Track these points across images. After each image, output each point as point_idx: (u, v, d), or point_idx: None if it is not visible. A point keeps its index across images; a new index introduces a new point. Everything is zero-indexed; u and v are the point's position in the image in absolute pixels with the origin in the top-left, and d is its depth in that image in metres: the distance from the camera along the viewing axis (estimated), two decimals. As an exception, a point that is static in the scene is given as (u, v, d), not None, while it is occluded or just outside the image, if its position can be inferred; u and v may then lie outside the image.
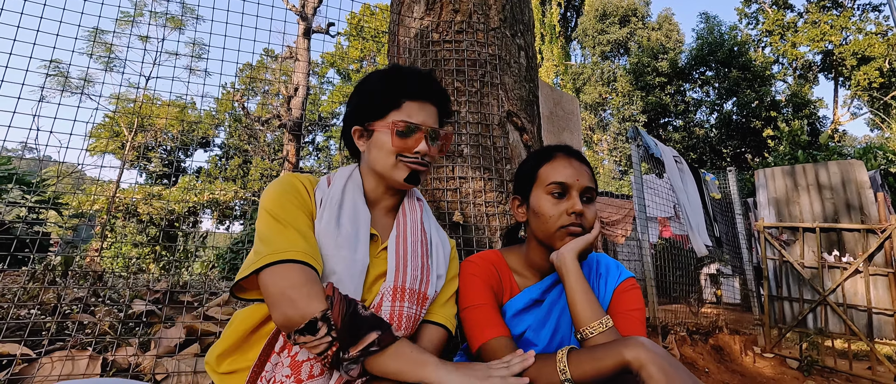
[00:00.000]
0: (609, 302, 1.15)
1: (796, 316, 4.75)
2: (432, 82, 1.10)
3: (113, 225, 9.87)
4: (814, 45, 18.32)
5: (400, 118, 1.03)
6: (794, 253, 4.87)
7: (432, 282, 1.05)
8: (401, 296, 0.98)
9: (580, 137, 4.27)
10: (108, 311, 1.78)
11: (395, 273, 0.99)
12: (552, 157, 1.17)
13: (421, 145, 1.03)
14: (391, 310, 0.97)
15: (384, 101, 1.05)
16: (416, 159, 1.04)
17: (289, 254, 0.87)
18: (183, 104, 12.88)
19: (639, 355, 0.83)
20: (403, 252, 1.03)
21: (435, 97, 1.09)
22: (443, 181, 2.09)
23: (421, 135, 1.04)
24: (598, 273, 1.20)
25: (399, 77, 1.07)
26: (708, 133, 18.35)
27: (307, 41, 11.33)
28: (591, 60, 23.58)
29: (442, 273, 1.10)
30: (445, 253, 1.14)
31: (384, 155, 1.04)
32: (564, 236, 1.09)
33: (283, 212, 0.95)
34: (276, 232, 0.92)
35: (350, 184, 1.08)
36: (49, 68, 1.95)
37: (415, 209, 1.13)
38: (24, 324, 1.52)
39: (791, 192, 5.22)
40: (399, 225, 1.08)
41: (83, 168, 2.20)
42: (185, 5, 9.43)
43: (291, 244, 0.89)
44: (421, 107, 1.06)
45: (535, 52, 2.70)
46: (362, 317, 0.86)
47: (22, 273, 2.01)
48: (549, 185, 1.12)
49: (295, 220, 0.94)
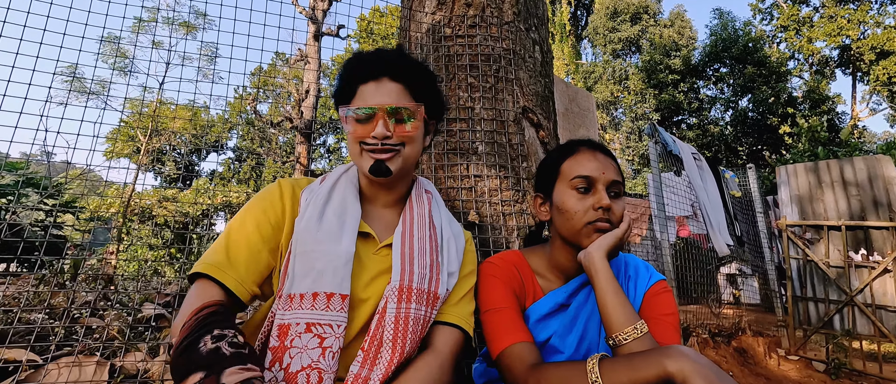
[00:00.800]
0: (639, 306, 1.07)
1: (822, 317, 4.60)
2: (394, 58, 0.99)
3: (129, 228, 9.98)
4: (830, 40, 17.92)
5: (358, 103, 0.96)
6: (819, 252, 4.72)
7: (443, 280, 0.98)
8: (407, 297, 0.90)
9: (596, 134, 4.18)
10: (118, 315, 1.74)
11: (400, 272, 0.92)
12: (575, 150, 1.10)
13: (378, 129, 0.93)
14: (397, 314, 0.89)
15: (345, 89, 0.99)
16: (375, 145, 0.94)
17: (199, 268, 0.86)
18: (196, 108, 13.00)
19: (683, 367, 0.74)
20: (409, 249, 0.95)
21: (395, 72, 0.97)
22: (457, 180, 2.03)
23: (378, 116, 0.94)
24: (627, 275, 1.12)
25: (355, 61, 0.99)
26: (723, 130, 18.05)
27: (318, 44, 11.36)
28: (603, 59, 23.36)
29: (454, 270, 1.02)
30: (459, 247, 1.06)
31: (350, 144, 0.98)
32: (591, 233, 1.01)
33: (236, 221, 0.93)
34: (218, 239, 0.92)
35: (343, 178, 1.03)
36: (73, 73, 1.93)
37: (422, 202, 1.05)
38: (32, 328, 1.48)
39: (814, 189, 5.07)
40: (405, 220, 1.00)
41: (97, 170, 2.16)
42: (198, 11, 9.50)
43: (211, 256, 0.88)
44: (378, 86, 0.96)
45: (549, 48, 2.63)
46: (198, 352, 0.70)
47: (32, 277, 1.99)
48: (574, 180, 1.05)
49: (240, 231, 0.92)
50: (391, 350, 0.86)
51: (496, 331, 1.01)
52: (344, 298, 0.87)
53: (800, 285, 4.81)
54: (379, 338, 0.88)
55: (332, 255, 0.88)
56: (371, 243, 0.98)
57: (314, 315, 0.84)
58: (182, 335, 0.75)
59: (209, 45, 11.52)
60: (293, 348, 0.82)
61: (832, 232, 4.69)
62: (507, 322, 1.01)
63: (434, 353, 0.94)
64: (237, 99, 20.11)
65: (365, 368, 0.85)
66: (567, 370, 0.87)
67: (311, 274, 0.86)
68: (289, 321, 0.84)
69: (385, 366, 0.85)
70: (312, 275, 0.86)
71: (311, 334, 0.83)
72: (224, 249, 0.89)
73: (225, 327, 0.74)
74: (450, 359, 0.95)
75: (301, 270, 0.87)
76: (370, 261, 0.96)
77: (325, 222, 0.92)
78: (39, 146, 1.72)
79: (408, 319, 0.89)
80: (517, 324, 1.01)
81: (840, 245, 4.56)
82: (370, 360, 0.86)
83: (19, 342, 1.47)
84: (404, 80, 0.98)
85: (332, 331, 0.85)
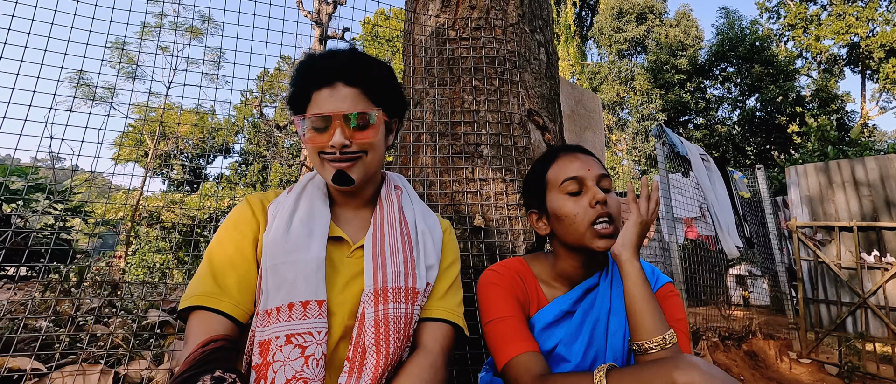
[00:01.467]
0: None
1: (834, 319, 4.53)
2: (347, 60, 0.93)
3: (137, 232, 10.04)
4: (839, 38, 17.74)
5: (313, 110, 0.92)
6: (830, 253, 4.65)
7: (420, 274, 0.94)
8: (384, 298, 0.88)
9: (603, 136, 4.14)
10: (122, 322, 1.74)
11: (373, 275, 0.89)
12: (556, 157, 1.09)
13: (335, 137, 0.89)
14: (375, 317, 0.86)
15: (300, 95, 0.95)
16: (333, 155, 0.91)
17: (191, 301, 0.84)
18: (202, 112, 13.08)
19: (693, 380, 0.72)
20: (381, 250, 0.93)
21: (349, 76, 0.92)
22: (462, 183, 2.01)
23: (335, 125, 0.90)
24: None
25: (307, 66, 0.94)
26: (731, 130, 17.91)
27: (323, 47, 11.40)
28: (608, 59, 23.27)
29: (433, 262, 0.99)
30: (436, 239, 1.03)
31: (310, 154, 0.95)
32: (595, 235, 0.99)
33: (214, 247, 0.91)
34: (199, 269, 0.89)
35: (310, 185, 1.01)
36: (78, 79, 1.94)
37: (392, 199, 1.02)
38: (36, 336, 1.48)
39: (825, 190, 4.99)
40: (375, 221, 0.98)
41: (105, 175, 2.16)
42: (204, 16, 9.56)
43: (199, 287, 0.86)
44: (332, 92, 0.91)
45: (555, 49, 2.60)
46: None
47: (37, 283, 1.99)
48: (564, 184, 1.03)
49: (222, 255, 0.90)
50: (376, 354, 0.84)
51: (501, 341, 0.98)
52: (321, 304, 0.85)
53: (811, 287, 4.74)
54: (362, 344, 0.85)
55: (301, 264, 0.86)
56: (344, 246, 0.96)
57: (292, 326, 0.82)
58: (184, 367, 0.74)
59: (215, 50, 11.56)
60: (276, 362, 0.80)
61: (844, 233, 4.62)
62: (512, 331, 0.99)
63: (424, 353, 0.91)
64: (243, 103, 20.23)
65: (353, 377, 0.83)
66: (574, 381, 0.85)
67: (283, 286, 0.85)
68: (268, 336, 0.82)
69: (372, 372, 0.83)
70: (285, 287, 0.84)
71: (292, 345, 0.81)
72: (211, 277, 0.87)
73: (227, 369, 0.73)
74: (441, 356, 0.93)
75: (273, 284, 0.85)
76: (344, 265, 0.94)
77: (292, 232, 0.90)
78: (46, 152, 1.72)
79: (388, 320, 0.87)
80: (522, 334, 0.99)
81: (852, 246, 4.49)
82: (357, 369, 0.84)
83: (24, 350, 1.47)
84: (360, 83, 0.93)
85: (314, 339, 0.83)
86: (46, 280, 1.95)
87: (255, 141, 21.64)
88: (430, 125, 2.12)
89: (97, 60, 1.88)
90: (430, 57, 2.25)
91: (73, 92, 1.98)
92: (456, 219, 1.95)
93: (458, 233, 1.91)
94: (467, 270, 1.85)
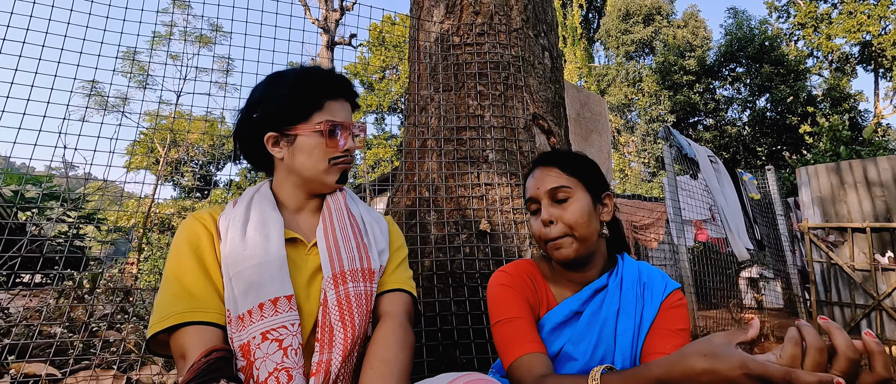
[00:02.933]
0: (655, 315, 1.05)
1: (848, 322, 4.46)
2: (346, 81, 1.09)
3: (149, 238, 10.17)
4: (850, 36, 17.51)
5: (327, 118, 1.01)
6: (843, 254, 4.59)
7: (374, 257, 1.03)
8: (343, 280, 0.94)
9: (609, 139, 4.13)
10: (135, 328, 1.77)
11: (329, 261, 0.96)
12: (530, 173, 1.14)
13: (348, 142, 1.04)
14: (337, 298, 0.92)
15: (307, 102, 1.01)
16: (345, 158, 1.04)
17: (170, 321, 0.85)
18: (212, 119, 13.24)
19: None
20: (334, 240, 0.99)
21: (351, 94, 1.09)
22: (468, 188, 2.02)
23: (347, 132, 1.04)
24: (642, 282, 1.09)
25: (319, 76, 1.04)
26: (741, 131, 17.74)
27: (330, 53, 11.50)
28: (616, 61, 23.18)
29: (383, 247, 1.08)
30: (383, 228, 1.12)
31: (315, 159, 1.01)
32: (553, 251, 1.03)
33: (173, 268, 0.92)
34: (164, 291, 0.90)
35: (257, 197, 1.04)
36: (90, 89, 1.98)
37: (337, 199, 1.09)
38: (51, 343, 1.51)
39: (837, 190, 4.93)
40: (325, 217, 1.04)
41: (118, 183, 2.21)
42: (213, 23, 9.70)
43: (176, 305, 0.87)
44: (342, 104, 1.05)
45: (559, 53, 2.61)
46: None
47: (49, 290, 2.03)
48: (528, 205, 1.10)
49: (186, 272, 0.91)
50: (342, 329, 0.90)
51: (507, 342, 1.00)
52: (289, 299, 0.89)
53: (824, 289, 4.68)
54: (329, 324, 0.90)
55: (264, 265, 0.90)
56: (301, 246, 1.01)
57: (266, 323, 0.86)
58: (188, 376, 0.77)
59: (224, 58, 11.72)
60: (258, 360, 0.84)
61: (857, 234, 4.56)
62: (519, 332, 1.00)
63: (390, 316, 0.98)
64: (252, 109, 20.42)
65: (324, 353, 0.88)
66: (570, 382, 0.86)
67: (251, 289, 0.88)
68: (246, 339, 0.86)
69: (341, 344, 0.89)
70: (253, 290, 0.88)
71: (269, 340, 0.85)
72: (185, 293, 0.89)
73: (230, 379, 0.78)
74: (405, 317, 1.00)
75: (241, 290, 0.89)
76: (305, 263, 0.99)
77: (248, 239, 0.94)
78: (60, 161, 1.76)
79: (349, 297, 0.93)
80: (529, 335, 1.00)
81: (865, 247, 4.42)
82: (327, 346, 0.89)
83: (40, 356, 1.50)
84: (352, 99, 1.09)
85: (289, 331, 0.87)
86: (61, 287, 1.98)
87: (265, 147, 21.82)
88: (435, 130, 2.13)
89: (109, 71, 1.93)
90: (434, 63, 2.26)
91: (87, 101, 2.02)
92: (462, 223, 1.96)
93: (464, 238, 1.92)
94: (473, 274, 1.86)
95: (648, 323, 1.04)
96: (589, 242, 1.04)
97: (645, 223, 7.98)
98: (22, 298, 2.18)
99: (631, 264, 1.12)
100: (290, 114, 1.01)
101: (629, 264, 1.12)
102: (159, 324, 0.85)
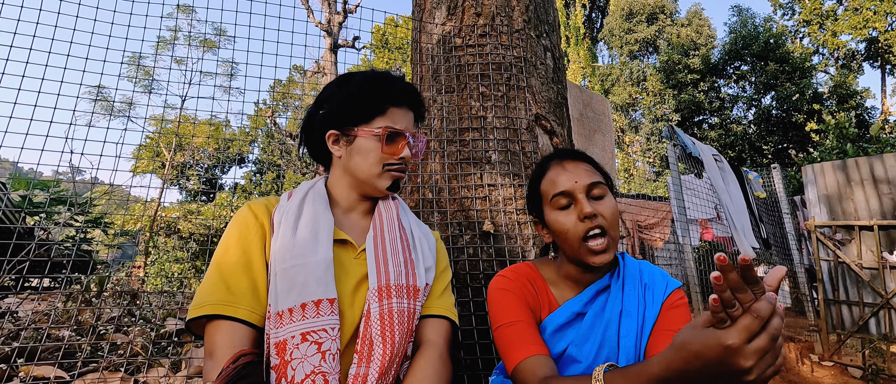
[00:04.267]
0: (657, 314, 1.04)
1: (856, 320, 4.42)
2: (414, 90, 1.10)
3: (155, 242, 10.23)
4: (856, 32, 17.38)
5: (387, 124, 1.02)
6: (851, 253, 4.55)
7: (420, 274, 1.02)
8: (387, 294, 0.94)
9: (612, 138, 4.12)
10: (141, 331, 1.78)
11: (376, 273, 0.96)
12: (546, 169, 1.10)
13: (405, 151, 1.04)
14: (380, 311, 0.92)
15: (371, 106, 1.03)
16: (400, 166, 1.04)
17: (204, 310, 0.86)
18: (217, 123, 13.31)
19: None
20: (382, 251, 1.00)
21: (416, 104, 1.10)
22: (471, 189, 2.02)
23: (404, 141, 1.04)
24: (643, 282, 1.09)
25: (386, 82, 1.05)
26: (746, 130, 17.64)
27: (334, 56, 11.54)
28: (619, 61, 23.13)
29: (430, 265, 1.07)
30: (430, 245, 1.11)
31: (370, 163, 1.02)
32: (589, 252, 0.99)
33: (220, 254, 0.94)
34: (206, 278, 0.91)
35: (311, 194, 1.05)
36: (96, 94, 2.00)
37: (390, 207, 1.10)
38: (59, 346, 1.53)
39: (844, 188, 4.89)
40: (375, 225, 1.04)
41: (124, 187, 2.23)
42: (217, 27, 9.76)
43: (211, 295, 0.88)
44: (405, 113, 1.06)
45: (562, 53, 2.61)
46: None
47: (60, 294, 2.05)
48: (554, 199, 1.04)
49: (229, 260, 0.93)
50: (382, 344, 0.89)
51: (510, 345, 0.99)
52: (332, 302, 0.89)
53: (831, 288, 4.64)
54: (369, 337, 0.90)
55: (311, 266, 0.90)
56: (350, 249, 1.01)
57: (307, 324, 0.86)
58: (219, 383, 0.77)
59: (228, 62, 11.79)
60: (294, 360, 0.84)
61: (864, 232, 4.52)
62: (521, 335, 1.00)
63: (432, 346, 0.98)
64: (257, 113, 20.52)
65: (362, 367, 0.88)
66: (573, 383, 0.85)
67: (295, 288, 0.88)
68: (284, 337, 0.85)
69: (379, 360, 0.88)
70: (297, 289, 0.88)
71: (308, 342, 0.85)
72: (223, 284, 0.89)
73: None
74: (446, 348, 1.00)
75: (284, 287, 0.88)
76: (353, 266, 0.99)
77: (299, 237, 0.94)
78: (67, 166, 1.78)
79: (392, 313, 0.92)
80: (531, 337, 0.99)
81: (873, 245, 4.39)
82: (365, 359, 0.89)
83: (48, 358, 1.52)
84: (416, 109, 1.10)
85: (329, 335, 0.87)
86: (68, 290, 2.00)
87: (269, 150, 21.92)
88: (438, 132, 2.14)
89: (115, 76, 1.94)
90: (437, 64, 2.27)
91: (93, 106, 2.04)
92: (465, 224, 1.96)
93: (468, 239, 1.93)
94: (477, 275, 1.86)
95: (651, 323, 1.04)
96: (616, 242, 1.03)
97: (650, 222, 7.95)
98: (30, 302, 2.21)
99: (632, 264, 1.12)
100: (354, 114, 1.03)
101: (631, 264, 1.12)
102: (193, 310, 0.87)
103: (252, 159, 23.47)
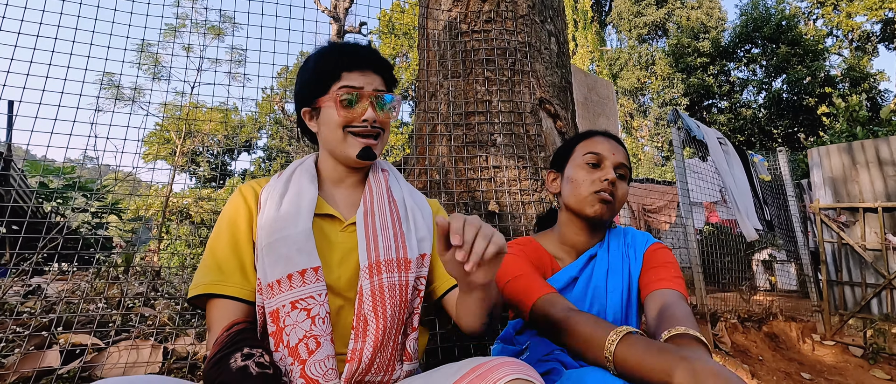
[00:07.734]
0: (641, 263, 1.17)
1: (859, 301, 4.48)
2: (372, 52, 1.07)
3: (168, 227, 10.44)
4: (872, 14, 17.02)
5: (342, 85, 1.01)
6: (855, 234, 4.59)
7: (411, 246, 1.02)
8: (378, 270, 0.96)
9: (617, 122, 4.16)
10: (167, 305, 1.89)
11: (367, 251, 0.98)
12: (591, 135, 1.23)
13: (368, 113, 1.01)
14: (371, 288, 0.95)
15: (325, 75, 1.03)
16: (364, 128, 1.01)
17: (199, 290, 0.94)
18: (226, 110, 13.42)
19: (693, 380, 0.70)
20: (372, 227, 1.01)
21: (376, 65, 1.05)
22: (477, 171, 2.10)
23: (365, 100, 1.02)
24: (627, 243, 1.22)
25: (337, 49, 1.05)
26: (756, 113, 17.45)
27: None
28: (628, 44, 22.85)
29: (424, 235, 1.07)
30: (425, 214, 1.11)
31: (332, 129, 1.03)
32: (596, 202, 1.12)
33: (213, 239, 1.00)
34: (202, 261, 0.99)
35: (299, 170, 1.09)
36: (103, 80, 2.09)
37: (379, 180, 1.10)
38: (93, 317, 1.64)
39: (849, 170, 4.91)
40: (365, 201, 1.05)
41: (137, 172, 2.34)
42: (224, 14, 9.80)
43: (206, 276, 0.95)
44: (363, 74, 1.03)
45: (566, 38, 2.66)
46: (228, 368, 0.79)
47: (88, 272, 2.17)
48: (586, 155, 1.17)
49: (221, 244, 0.99)
50: (375, 320, 0.94)
51: (524, 290, 1.05)
52: (317, 270, 0.94)
53: (835, 269, 4.69)
54: (362, 313, 0.95)
55: (292, 238, 0.95)
56: (336, 223, 1.05)
57: (294, 293, 0.92)
58: (215, 349, 0.85)
59: (237, 49, 11.84)
60: (288, 327, 0.91)
61: (868, 214, 4.55)
62: (534, 282, 1.06)
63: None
64: (265, 99, 20.60)
65: (358, 342, 0.93)
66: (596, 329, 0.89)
67: (280, 261, 0.94)
68: (276, 306, 0.92)
69: (373, 335, 0.93)
70: (282, 262, 0.93)
71: (298, 309, 0.91)
72: (215, 266, 0.97)
73: (254, 346, 0.85)
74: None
75: (270, 261, 0.94)
76: (338, 239, 1.03)
77: (282, 211, 0.99)
78: (82, 151, 1.88)
79: (383, 288, 0.95)
80: (543, 284, 1.06)
81: (877, 227, 4.42)
82: (361, 335, 0.94)
83: (82, 329, 1.63)
84: (382, 72, 1.06)
85: (316, 301, 0.92)
86: (97, 268, 2.12)
87: (278, 136, 22.05)
88: (444, 116, 2.21)
89: (126, 62, 2.02)
90: (443, 50, 2.33)
91: (105, 93, 2.13)
92: (471, 205, 2.05)
93: (474, 218, 2.01)
94: (482, 253, 1.94)
95: (637, 275, 1.16)
96: (613, 216, 1.18)
97: (657, 206, 7.99)
98: (58, 282, 2.33)
99: (618, 230, 1.25)
100: (314, 88, 1.05)
101: (617, 231, 1.25)
102: (192, 291, 0.95)
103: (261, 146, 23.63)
